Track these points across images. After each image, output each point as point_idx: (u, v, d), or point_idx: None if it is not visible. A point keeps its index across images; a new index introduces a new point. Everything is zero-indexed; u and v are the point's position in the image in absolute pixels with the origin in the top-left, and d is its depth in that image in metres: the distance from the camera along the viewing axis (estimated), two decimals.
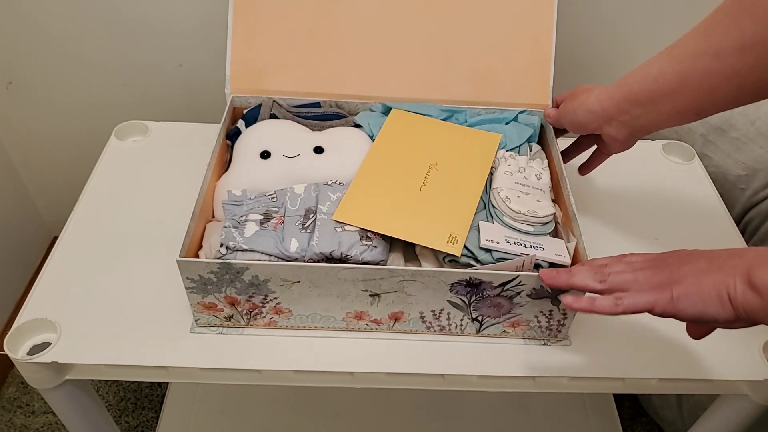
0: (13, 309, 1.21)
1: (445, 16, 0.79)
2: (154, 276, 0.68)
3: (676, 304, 0.48)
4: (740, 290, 0.45)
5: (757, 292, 0.44)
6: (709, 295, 0.47)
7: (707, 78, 0.55)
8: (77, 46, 1.01)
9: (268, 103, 0.77)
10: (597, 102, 0.64)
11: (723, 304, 0.46)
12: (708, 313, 0.47)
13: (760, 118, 0.87)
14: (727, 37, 0.53)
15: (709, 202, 0.82)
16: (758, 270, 0.44)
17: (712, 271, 0.48)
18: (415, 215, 0.64)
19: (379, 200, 0.65)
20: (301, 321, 0.63)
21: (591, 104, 0.65)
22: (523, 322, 0.63)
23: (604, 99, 0.64)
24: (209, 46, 1.00)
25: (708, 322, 0.48)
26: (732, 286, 0.46)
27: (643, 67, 0.61)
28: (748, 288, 0.45)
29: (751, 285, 0.45)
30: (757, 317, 0.45)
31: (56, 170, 1.20)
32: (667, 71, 0.58)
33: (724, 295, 0.46)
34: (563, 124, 0.71)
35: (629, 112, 0.62)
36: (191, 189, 0.64)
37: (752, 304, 0.45)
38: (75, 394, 0.66)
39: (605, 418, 1.02)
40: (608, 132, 0.65)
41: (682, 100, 0.58)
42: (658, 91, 0.59)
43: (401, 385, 0.64)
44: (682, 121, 0.61)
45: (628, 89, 0.61)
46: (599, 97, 0.64)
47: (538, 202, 0.65)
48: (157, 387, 1.16)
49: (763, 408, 0.66)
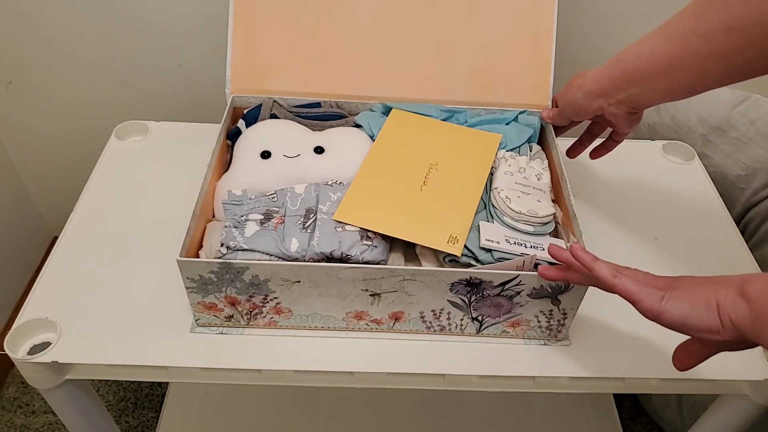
0: (13, 309, 1.21)
1: (445, 16, 0.79)
2: (154, 276, 0.68)
3: (664, 303, 0.48)
4: (730, 298, 0.45)
5: (746, 300, 0.44)
6: (697, 300, 0.46)
7: (697, 59, 0.56)
8: (77, 46, 1.01)
9: (269, 103, 0.77)
10: (594, 82, 0.65)
11: (709, 311, 0.45)
12: (691, 318, 0.46)
13: (760, 118, 0.87)
14: (715, 19, 0.53)
15: (709, 202, 0.82)
16: (752, 281, 0.44)
17: (709, 282, 0.47)
18: (416, 215, 0.64)
19: (380, 200, 0.65)
20: (301, 321, 0.63)
21: (588, 85, 0.66)
22: (523, 322, 0.63)
23: (601, 78, 0.65)
24: (209, 46, 1.00)
25: (691, 329, 0.47)
26: (723, 294, 0.45)
27: (636, 46, 0.61)
28: (739, 296, 0.44)
29: (742, 293, 0.44)
30: (743, 327, 0.44)
31: (56, 170, 1.20)
32: (659, 50, 0.58)
33: (712, 302, 0.45)
34: (567, 114, 0.71)
35: (625, 90, 0.63)
36: (191, 189, 0.64)
37: (740, 312, 0.44)
38: (75, 394, 0.66)
39: (605, 418, 1.02)
40: (609, 110, 0.66)
41: (674, 79, 0.59)
42: (650, 69, 0.60)
43: (401, 385, 0.64)
44: (676, 98, 0.62)
45: (623, 67, 0.62)
46: (595, 77, 0.65)
47: (539, 202, 0.65)
48: (157, 387, 1.16)
49: (763, 408, 0.66)
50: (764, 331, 0.43)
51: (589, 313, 0.66)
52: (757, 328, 0.43)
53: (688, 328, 0.47)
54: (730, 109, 0.89)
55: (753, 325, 0.43)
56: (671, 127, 0.95)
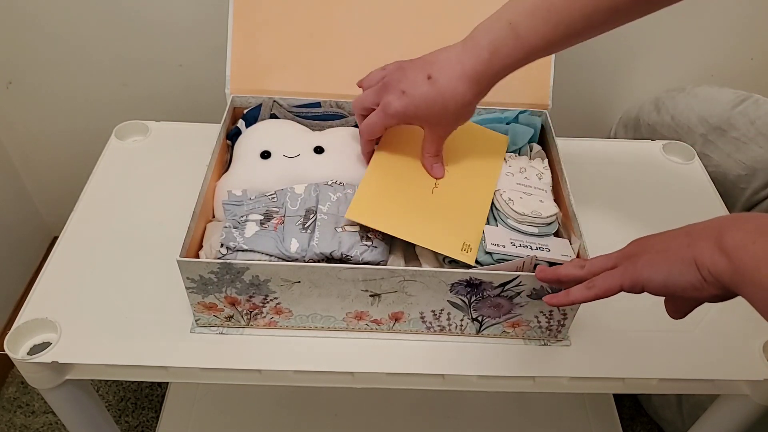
0: (13, 309, 1.21)
1: (445, 16, 0.79)
2: (154, 276, 0.68)
3: (642, 272, 0.46)
4: (708, 253, 0.43)
5: (725, 254, 0.42)
6: (673, 259, 0.45)
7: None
8: (77, 45, 1.01)
9: (268, 103, 0.77)
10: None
11: (688, 266, 0.44)
12: (673, 277, 0.45)
13: (760, 117, 0.87)
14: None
15: (709, 202, 0.82)
16: (728, 232, 0.42)
17: (679, 235, 0.46)
18: (429, 219, 0.63)
19: (392, 201, 0.64)
20: (301, 321, 0.63)
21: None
22: (523, 322, 0.63)
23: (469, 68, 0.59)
24: (209, 45, 1.00)
25: (676, 290, 0.45)
26: (700, 249, 0.44)
27: (507, 28, 0.57)
28: (717, 250, 0.42)
29: (720, 247, 0.42)
30: (724, 281, 0.42)
31: (56, 170, 1.20)
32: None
33: (688, 258, 0.44)
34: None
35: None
36: (191, 189, 0.64)
37: (720, 266, 0.42)
38: (75, 394, 0.66)
39: (605, 418, 1.02)
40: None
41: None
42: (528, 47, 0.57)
43: (401, 385, 0.64)
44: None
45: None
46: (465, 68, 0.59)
47: (541, 203, 0.65)
48: (157, 387, 1.16)
49: (763, 408, 0.66)
50: (744, 287, 0.41)
51: (589, 313, 0.66)
52: (737, 282, 0.42)
53: (671, 290, 0.46)
54: (730, 109, 0.89)
55: (732, 279, 0.42)
56: (671, 127, 0.95)
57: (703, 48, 1.05)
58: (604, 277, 0.49)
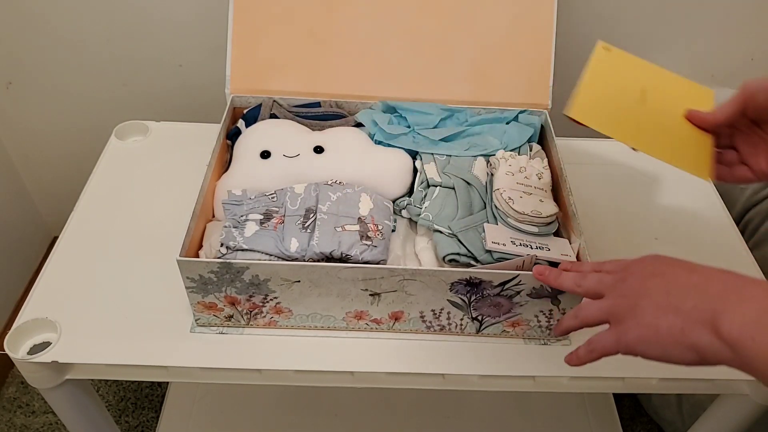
0: (13, 309, 1.21)
1: (445, 15, 0.79)
2: (154, 276, 0.68)
3: (635, 348, 0.45)
4: (707, 340, 0.41)
5: (728, 345, 0.40)
6: (668, 341, 0.43)
7: None
8: (77, 45, 1.01)
9: (268, 103, 0.77)
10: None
11: (688, 350, 0.42)
12: (672, 357, 0.43)
13: None
14: None
15: (709, 202, 0.82)
16: (723, 317, 0.40)
17: (669, 312, 0.43)
18: (661, 131, 0.56)
19: (617, 104, 0.56)
20: (301, 321, 0.63)
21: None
22: (523, 321, 0.63)
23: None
24: (209, 45, 1.00)
25: (676, 364, 0.44)
26: (696, 335, 0.41)
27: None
28: (716, 339, 0.40)
29: (718, 336, 0.40)
30: (732, 366, 0.40)
31: (56, 170, 1.20)
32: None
33: (686, 343, 0.42)
34: (759, 101, 0.55)
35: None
36: (191, 189, 0.64)
37: (724, 356, 0.40)
38: (75, 393, 0.66)
39: (605, 418, 1.02)
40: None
41: None
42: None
43: (401, 385, 0.64)
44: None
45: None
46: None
47: (541, 202, 0.65)
48: (157, 387, 1.16)
49: (763, 408, 0.66)
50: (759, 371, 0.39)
51: None
52: (746, 370, 0.40)
53: (671, 363, 0.44)
54: None
55: (741, 367, 0.40)
56: None
57: (703, 48, 1.05)
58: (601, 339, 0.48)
